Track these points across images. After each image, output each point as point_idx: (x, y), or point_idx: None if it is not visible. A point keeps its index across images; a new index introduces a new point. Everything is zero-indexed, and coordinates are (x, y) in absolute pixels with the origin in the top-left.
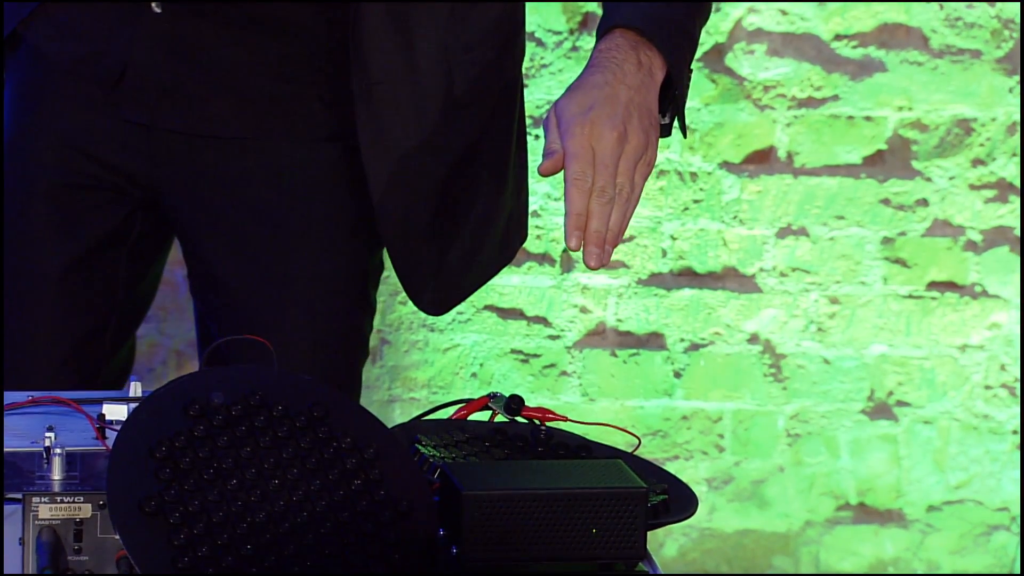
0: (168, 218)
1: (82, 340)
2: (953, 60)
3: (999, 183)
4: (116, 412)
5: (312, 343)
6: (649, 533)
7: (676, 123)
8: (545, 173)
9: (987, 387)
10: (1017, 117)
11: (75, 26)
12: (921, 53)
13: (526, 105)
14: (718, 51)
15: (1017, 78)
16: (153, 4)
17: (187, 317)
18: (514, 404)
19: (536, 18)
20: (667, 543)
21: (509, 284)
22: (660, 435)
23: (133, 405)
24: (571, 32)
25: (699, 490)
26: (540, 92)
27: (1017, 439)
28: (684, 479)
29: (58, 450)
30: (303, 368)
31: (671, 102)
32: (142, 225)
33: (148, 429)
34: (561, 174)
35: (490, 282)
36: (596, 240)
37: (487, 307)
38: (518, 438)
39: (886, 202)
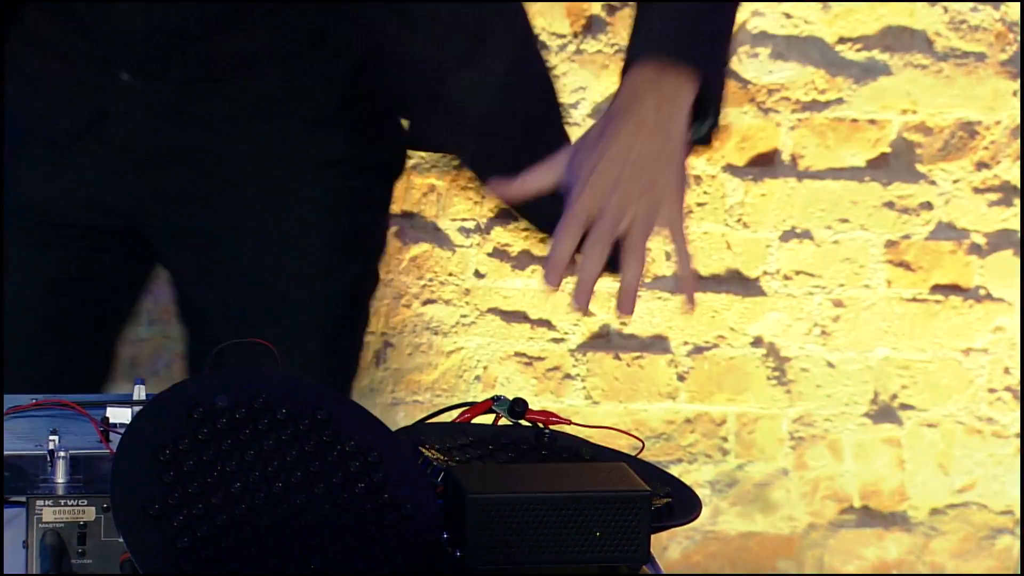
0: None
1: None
2: (957, 63)
3: (1003, 186)
4: (120, 415)
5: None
6: (653, 536)
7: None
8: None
9: (991, 390)
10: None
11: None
12: (925, 56)
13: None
14: None
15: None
16: (123, 75)
17: None
18: (518, 407)
19: (540, 21)
20: (671, 546)
21: (513, 287)
22: (664, 438)
23: (137, 408)
24: (575, 35)
25: (703, 493)
26: None
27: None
28: (688, 482)
29: (62, 453)
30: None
31: (710, 108)
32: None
33: (152, 432)
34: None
35: (494, 285)
36: (585, 287)
37: (491, 310)
38: (522, 441)
39: (890, 205)
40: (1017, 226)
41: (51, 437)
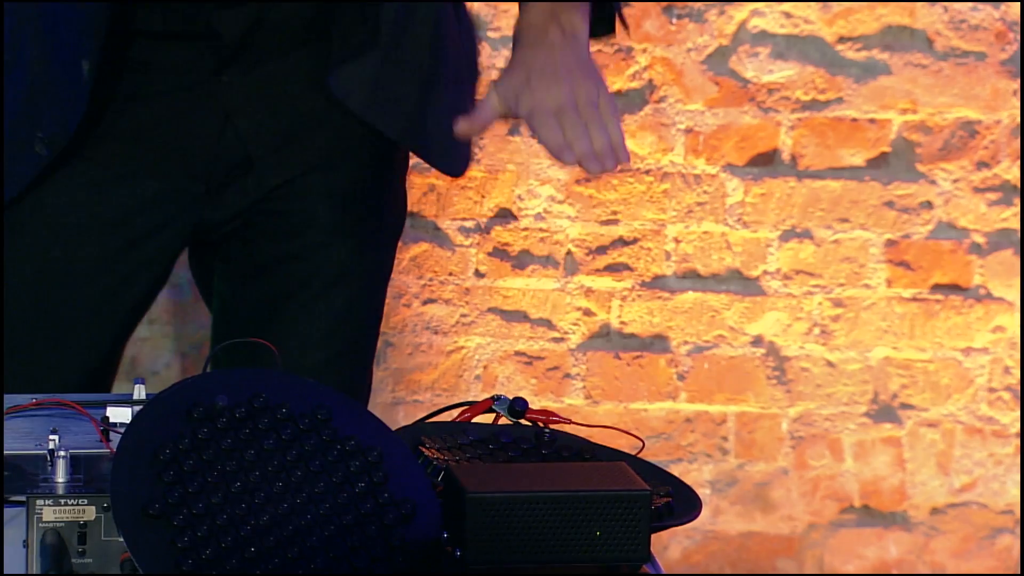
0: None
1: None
2: (957, 63)
3: (1003, 186)
4: (120, 415)
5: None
6: (653, 535)
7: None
8: (462, 132)
9: (991, 390)
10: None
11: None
12: (925, 56)
13: None
14: (722, 53)
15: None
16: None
17: (191, 319)
18: (518, 407)
19: None
20: (671, 545)
21: (513, 287)
22: (664, 438)
23: (137, 408)
24: None
25: (703, 493)
26: None
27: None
28: (688, 482)
29: (62, 453)
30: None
31: (606, 21)
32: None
33: (152, 432)
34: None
35: (494, 285)
36: (589, 156)
37: (491, 309)
38: (522, 441)
39: (890, 205)
40: (1017, 226)
41: (51, 436)
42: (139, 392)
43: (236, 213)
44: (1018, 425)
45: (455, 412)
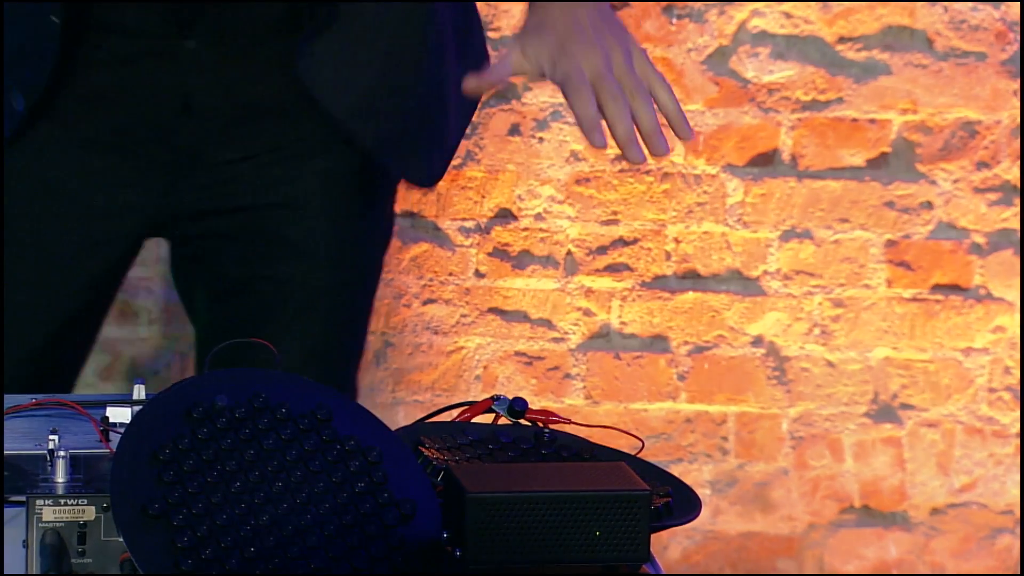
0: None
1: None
2: (958, 63)
3: (1003, 186)
4: (120, 415)
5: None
6: (653, 535)
7: None
8: (470, 88)
9: (991, 390)
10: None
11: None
12: (925, 56)
13: (528, 107)
14: (722, 54)
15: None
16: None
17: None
18: (517, 407)
19: None
20: (671, 545)
21: (513, 287)
22: (664, 438)
23: (137, 408)
24: None
25: (703, 493)
26: (544, 95)
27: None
28: (688, 482)
29: (62, 452)
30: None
31: None
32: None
33: (152, 431)
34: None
35: (494, 285)
36: (630, 141)
37: (491, 310)
38: (522, 441)
39: (890, 205)
40: (1017, 226)
41: (51, 437)
42: (139, 392)
43: (196, 212)
44: (1018, 425)
45: (455, 412)
